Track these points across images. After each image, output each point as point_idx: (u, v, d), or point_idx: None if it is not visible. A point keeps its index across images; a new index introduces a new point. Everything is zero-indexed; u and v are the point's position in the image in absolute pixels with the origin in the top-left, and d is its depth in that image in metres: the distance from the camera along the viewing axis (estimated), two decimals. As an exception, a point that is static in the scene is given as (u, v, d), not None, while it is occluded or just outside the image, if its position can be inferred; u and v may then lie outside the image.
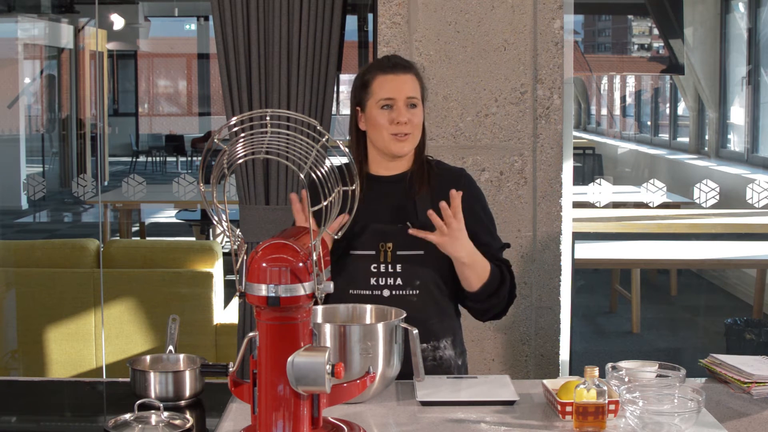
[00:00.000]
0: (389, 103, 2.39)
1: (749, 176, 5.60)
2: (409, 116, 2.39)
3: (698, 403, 1.95)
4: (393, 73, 2.42)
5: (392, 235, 2.40)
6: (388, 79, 2.41)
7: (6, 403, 2.25)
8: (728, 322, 5.25)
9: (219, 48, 3.46)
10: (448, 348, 2.44)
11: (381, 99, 2.40)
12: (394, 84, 2.40)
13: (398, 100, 2.39)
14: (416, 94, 2.42)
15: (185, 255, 4.36)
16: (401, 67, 2.43)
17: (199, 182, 1.84)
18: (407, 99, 2.40)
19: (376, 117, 2.41)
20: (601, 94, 8.44)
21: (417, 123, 2.41)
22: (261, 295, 1.76)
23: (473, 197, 2.47)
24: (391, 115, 2.39)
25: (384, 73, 2.42)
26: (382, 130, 2.40)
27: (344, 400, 1.85)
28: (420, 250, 2.39)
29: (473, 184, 2.52)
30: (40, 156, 7.05)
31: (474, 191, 2.50)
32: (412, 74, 2.44)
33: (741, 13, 6.42)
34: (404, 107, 2.39)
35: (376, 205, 2.43)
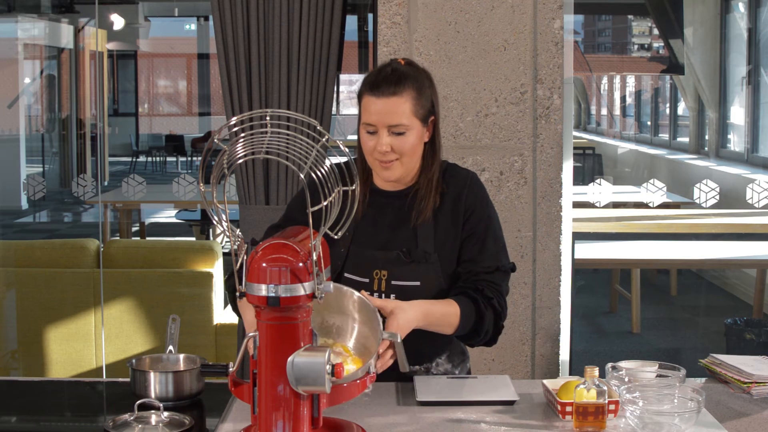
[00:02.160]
0: (372, 129, 2.19)
1: (749, 176, 5.60)
2: (392, 143, 2.18)
3: (698, 403, 1.96)
4: (376, 95, 2.18)
5: (387, 264, 2.24)
6: (371, 101, 2.18)
7: (6, 403, 2.25)
8: (728, 322, 5.25)
9: (219, 48, 3.46)
10: (443, 364, 2.36)
11: (364, 123, 2.21)
12: (377, 109, 2.17)
13: (380, 127, 2.18)
14: (404, 120, 2.17)
15: (185, 255, 4.36)
16: (388, 87, 2.17)
17: (199, 182, 1.83)
18: (390, 127, 2.18)
19: (363, 139, 2.23)
20: (601, 94, 8.44)
21: (404, 150, 2.19)
22: (261, 295, 1.76)
23: (473, 205, 2.29)
24: (374, 140, 2.20)
25: (369, 93, 2.20)
26: (368, 155, 2.23)
27: (344, 400, 1.85)
28: (416, 281, 2.24)
29: (476, 191, 2.32)
30: (40, 156, 7.05)
31: (474, 200, 2.30)
32: (404, 94, 2.18)
33: (741, 13, 6.42)
34: (386, 135, 2.18)
35: (375, 222, 2.30)
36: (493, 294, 2.25)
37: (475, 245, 2.27)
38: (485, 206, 2.31)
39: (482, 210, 2.30)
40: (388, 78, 2.19)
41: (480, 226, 2.28)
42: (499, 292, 2.27)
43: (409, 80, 2.20)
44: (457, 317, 2.19)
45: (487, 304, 2.23)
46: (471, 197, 2.30)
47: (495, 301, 2.24)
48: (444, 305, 2.19)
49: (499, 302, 2.26)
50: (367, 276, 2.26)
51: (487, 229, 2.29)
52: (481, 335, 2.25)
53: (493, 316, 2.24)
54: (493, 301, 2.24)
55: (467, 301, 2.22)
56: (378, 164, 2.22)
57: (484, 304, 2.22)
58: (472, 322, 2.22)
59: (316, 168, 1.78)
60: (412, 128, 2.19)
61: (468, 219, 2.28)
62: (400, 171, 2.23)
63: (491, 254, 2.28)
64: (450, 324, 2.19)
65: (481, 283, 2.25)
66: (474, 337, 2.26)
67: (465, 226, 2.28)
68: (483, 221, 2.29)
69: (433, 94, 2.26)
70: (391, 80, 2.19)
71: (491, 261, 2.27)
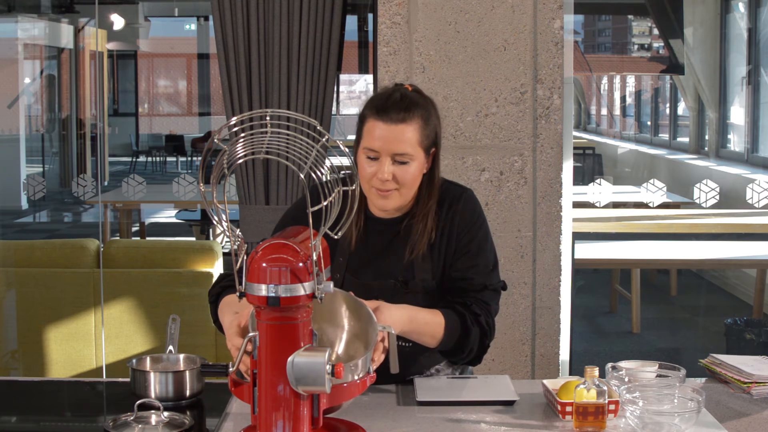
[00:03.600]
0: (374, 155, 2.11)
1: (749, 176, 5.60)
2: (394, 172, 2.11)
3: (698, 403, 1.96)
4: (384, 120, 2.09)
5: (383, 293, 2.19)
6: (378, 126, 2.10)
7: (6, 403, 2.25)
8: (728, 322, 5.25)
9: (219, 48, 3.46)
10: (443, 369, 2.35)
11: (366, 147, 2.12)
12: (383, 134, 2.09)
13: (383, 155, 2.10)
14: (409, 149, 2.10)
15: (185, 255, 4.36)
16: (397, 113, 2.09)
17: (199, 182, 1.83)
18: (394, 155, 2.10)
19: (362, 164, 2.14)
20: (601, 94, 8.44)
21: (405, 180, 2.12)
22: (261, 295, 1.76)
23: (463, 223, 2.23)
24: (374, 167, 2.12)
25: (376, 117, 2.10)
26: (365, 181, 2.15)
27: (344, 400, 1.85)
28: None
29: (468, 210, 2.25)
30: (40, 156, 7.06)
31: (465, 217, 2.24)
32: (413, 122, 2.11)
33: (741, 13, 6.42)
34: (389, 162, 2.10)
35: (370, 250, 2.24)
36: (482, 311, 2.20)
37: (465, 263, 2.23)
38: (479, 226, 2.26)
39: (475, 229, 2.25)
40: (397, 104, 2.12)
41: (472, 245, 2.24)
42: (488, 310, 2.22)
43: (419, 108, 2.13)
44: (442, 328, 2.14)
45: (474, 321, 2.18)
46: (465, 216, 2.24)
47: (482, 318, 2.19)
48: (429, 314, 2.15)
49: (487, 321, 2.21)
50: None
51: (479, 248, 2.24)
52: (465, 352, 2.20)
53: (479, 334, 2.19)
54: (480, 319, 2.19)
55: (454, 315, 2.17)
56: (375, 192, 2.15)
57: (470, 320, 2.18)
58: (457, 336, 2.17)
59: (316, 168, 1.78)
60: (416, 158, 2.13)
61: (461, 237, 2.23)
62: (398, 201, 2.17)
63: (481, 273, 2.23)
64: (433, 335, 2.14)
65: (470, 299, 2.21)
66: (457, 353, 2.22)
67: (457, 244, 2.23)
68: (475, 240, 2.24)
69: (437, 125, 2.19)
70: (400, 106, 2.11)
71: (481, 279, 2.23)
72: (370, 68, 4.04)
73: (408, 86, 2.20)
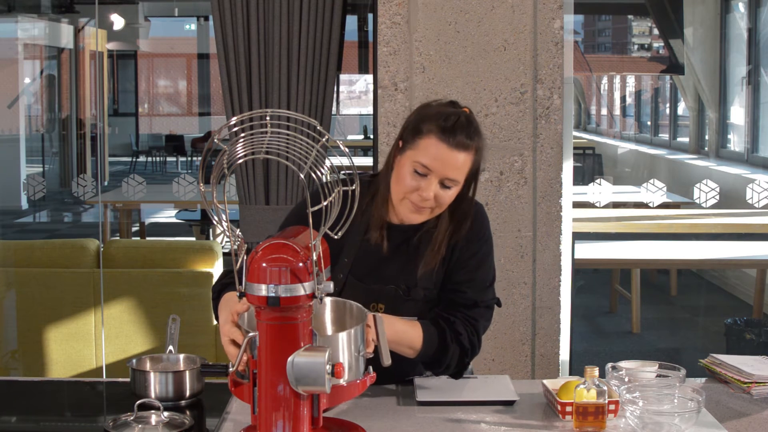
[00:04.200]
0: (424, 172, 2.09)
1: (749, 176, 5.60)
2: (436, 193, 2.11)
3: (698, 403, 1.96)
4: (449, 145, 2.07)
5: (385, 297, 2.22)
6: (441, 148, 2.08)
7: (6, 403, 2.25)
8: (728, 322, 5.25)
9: (219, 48, 3.46)
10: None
11: (418, 161, 2.09)
12: (442, 156, 2.07)
13: (434, 175, 2.09)
14: (459, 177, 2.10)
15: (185, 255, 4.36)
16: (462, 143, 2.08)
17: (199, 182, 1.83)
18: (444, 179, 2.10)
19: (405, 174, 2.12)
20: (601, 94, 8.44)
21: (443, 202, 2.13)
22: (261, 295, 1.76)
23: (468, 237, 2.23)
24: (419, 182, 2.10)
25: (440, 139, 2.08)
26: (402, 192, 2.13)
27: (344, 400, 1.85)
28: (413, 317, 2.21)
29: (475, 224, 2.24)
30: (40, 156, 7.05)
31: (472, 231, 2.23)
32: (471, 151, 2.10)
33: (741, 13, 6.42)
34: (436, 183, 2.10)
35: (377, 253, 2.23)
36: (465, 330, 2.19)
37: (462, 276, 2.23)
38: (483, 241, 2.26)
39: (479, 244, 2.25)
40: (463, 128, 2.10)
41: (473, 260, 2.24)
42: (474, 327, 2.21)
43: (479, 138, 2.13)
44: (420, 340, 2.14)
45: (454, 339, 2.18)
46: (472, 231, 2.24)
47: (464, 338, 2.19)
48: (407, 324, 2.14)
49: (471, 339, 2.20)
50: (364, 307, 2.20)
51: (479, 264, 2.24)
52: (442, 366, 2.20)
53: (458, 352, 2.19)
54: (461, 338, 2.18)
55: (433, 329, 2.17)
56: (409, 205, 2.14)
57: (450, 337, 2.17)
58: (434, 350, 2.16)
59: (316, 168, 1.78)
60: (460, 184, 2.14)
61: (463, 251, 2.23)
62: (427, 217, 2.17)
63: (476, 288, 2.23)
64: (411, 345, 2.14)
65: (457, 314, 2.21)
66: (435, 366, 2.21)
67: (459, 257, 2.23)
68: (477, 256, 2.24)
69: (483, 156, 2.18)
70: (466, 133, 2.10)
71: (474, 294, 2.23)
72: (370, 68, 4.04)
73: (466, 109, 2.18)
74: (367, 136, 8.84)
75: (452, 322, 2.19)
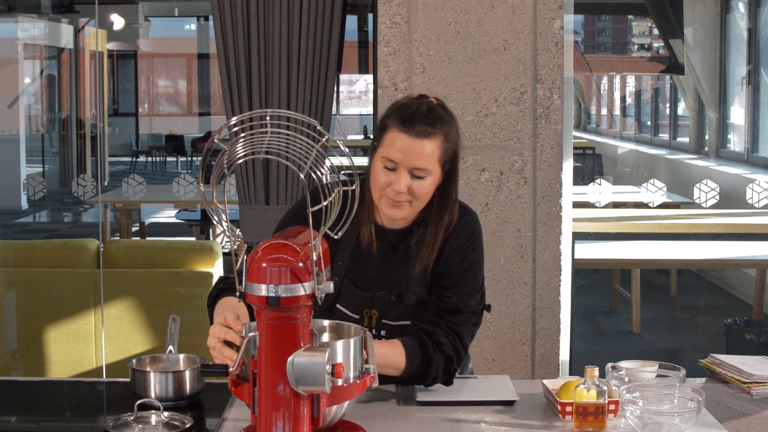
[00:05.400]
0: (393, 166, 2.10)
1: (749, 176, 5.60)
2: (410, 185, 2.10)
3: (698, 403, 1.96)
4: (408, 133, 2.07)
5: (378, 303, 2.22)
6: (402, 139, 2.08)
7: (6, 403, 2.25)
8: (728, 322, 5.25)
9: (219, 48, 3.46)
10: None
11: (386, 157, 2.09)
12: (406, 147, 2.07)
13: (402, 167, 2.09)
14: (428, 165, 2.08)
15: (185, 255, 4.36)
16: (423, 131, 2.08)
17: (199, 182, 1.83)
18: (413, 169, 2.09)
19: (378, 172, 2.13)
20: (601, 94, 8.44)
21: (419, 194, 2.11)
22: (261, 295, 1.76)
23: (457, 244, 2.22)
24: (390, 177, 2.10)
25: (399, 129, 2.09)
26: (377, 189, 2.14)
27: (344, 400, 1.85)
28: (406, 321, 2.22)
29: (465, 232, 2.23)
30: (40, 156, 7.06)
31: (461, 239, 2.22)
32: (436, 138, 2.09)
33: (741, 13, 6.42)
34: (406, 175, 2.09)
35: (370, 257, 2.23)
36: (447, 339, 2.17)
37: (447, 282, 2.22)
38: (472, 249, 2.24)
39: (467, 252, 2.24)
40: (423, 118, 2.10)
41: (460, 267, 2.22)
42: (457, 334, 2.19)
43: (443, 124, 2.13)
44: (402, 360, 2.13)
45: (437, 350, 2.16)
46: (461, 238, 2.23)
47: (446, 346, 2.17)
48: (387, 345, 2.13)
49: (453, 346, 2.18)
50: (358, 313, 2.24)
51: (466, 271, 2.23)
52: (428, 379, 2.18)
53: (443, 362, 2.17)
54: (443, 348, 2.16)
55: (414, 344, 2.15)
56: (386, 201, 2.14)
57: (433, 348, 2.16)
58: (418, 364, 2.15)
59: (316, 168, 1.78)
60: (433, 173, 2.11)
61: (451, 258, 2.22)
62: (408, 212, 2.15)
63: (460, 294, 2.21)
64: (393, 365, 2.13)
65: (438, 321, 2.19)
66: (421, 379, 2.19)
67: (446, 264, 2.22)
68: (464, 263, 2.23)
69: (458, 142, 2.18)
70: (426, 120, 2.10)
71: (457, 301, 2.21)
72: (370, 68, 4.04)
73: (433, 99, 2.19)
74: (367, 136, 8.84)
75: (432, 333, 2.18)
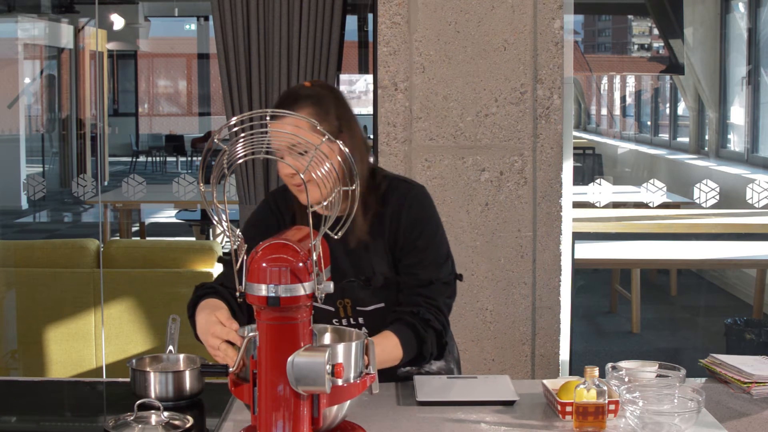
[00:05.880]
0: (276, 155, 2.07)
1: (749, 176, 5.60)
2: (297, 165, 2.01)
3: (698, 403, 1.95)
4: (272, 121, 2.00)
5: (348, 292, 2.22)
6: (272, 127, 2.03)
7: (6, 403, 2.25)
8: (728, 322, 5.25)
9: (219, 48, 3.46)
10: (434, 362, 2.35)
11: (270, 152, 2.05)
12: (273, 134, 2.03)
13: (280, 152, 2.07)
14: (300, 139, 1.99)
15: (185, 255, 4.36)
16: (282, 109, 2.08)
17: (199, 182, 1.83)
18: (291, 148, 2.05)
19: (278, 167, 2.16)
20: (601, 94, 8.44)
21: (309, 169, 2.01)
22: (261, 295, 1.76)
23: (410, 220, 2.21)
24: (279, 166, 2.11)
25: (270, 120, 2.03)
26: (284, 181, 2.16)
27: (344, 400, 1.85)
28: (380, 303, 2.23)
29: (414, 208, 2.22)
30: (40, 156, 7.06)
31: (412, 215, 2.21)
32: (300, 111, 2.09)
33: (741, 13, 6.42)
34: (289, 157, 2.05)
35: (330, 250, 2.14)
36: (431, 313, 2.18)
37: (412, 258, 2.21)
38: (427, 221, 2.24)
39: (423, 225, 2.23)
40: (284, 101, 2.14)
41: (420, 241, 2.21)
42: (437, 307, 2.20)
43: (306, 98, 2.13)
44: (399, 348, 2.12)
45: (426, 327, 2.17)
46: (412, 214, 2.22)
47: (434, 321, 2.18)
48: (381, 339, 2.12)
49: (438, 319, 2.19)
50: (332, 305, 2.24)
51: (428, 244, 2.22)
52: (426, 358, 2.20)
53: (435, 337, 2.18)
54: (432, 323, 2.17)
55: (405, 329, 2.15)
56: (294, 189, 2.15)
57: (423, 327, 2.16)
58: (414, 348, 2.15)
59: (316, 168, 1.78)
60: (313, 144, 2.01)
61: (407, 234, 2.21)
62: (316, 193, 2.10)
63: (429, 268, 2.21)
64: (393, 357, 2.12)
65: (416, 299, 2.19)
66: (420, 360, 2.21)
67: (405, 241, 2.21)
68: (423, 236, 2.22)
69: (340, 112, 2.16)
70: (286, 103, 2.13)
71: (428, 274, 2.21)
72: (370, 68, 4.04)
73: (307, 83, 2.20)
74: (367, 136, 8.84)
75: (417, 313, 2.18)
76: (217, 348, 1.93)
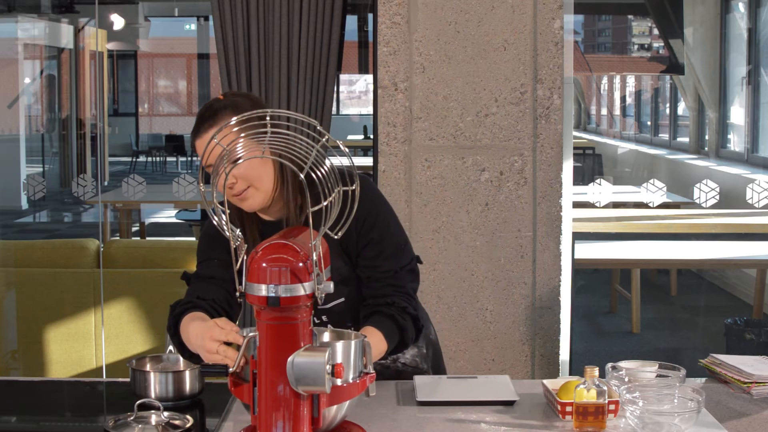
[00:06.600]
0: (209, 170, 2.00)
1: (749, 176, 5.60)
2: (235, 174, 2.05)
3: (698, 403, 1.96)
4: (195, 138, 2.11)
5: None
6: (196, 144, 2.11)
7: (6, 403, 2.25)
8: (728, 322, 5.25)
9: (219, 48, 3.46)
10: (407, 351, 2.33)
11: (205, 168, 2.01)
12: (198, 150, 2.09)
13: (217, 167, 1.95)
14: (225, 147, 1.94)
15: (185, 255, 4.36)
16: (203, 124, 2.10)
17: (199, 182, 1.83)
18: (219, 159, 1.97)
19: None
20: (601, 94, 8.44)
21: (246, 175, 2.08)
22: (261, 295, 1.76)
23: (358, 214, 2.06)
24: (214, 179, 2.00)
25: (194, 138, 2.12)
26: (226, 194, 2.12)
27: (344, 400, 1.85)
28: (340, 298, 2.21)
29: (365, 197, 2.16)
30: (40, 156, 7.06)
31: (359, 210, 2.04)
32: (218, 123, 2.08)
33: (741, 13, 6.42)
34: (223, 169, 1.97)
35: None
36: (405, 301, 2.18)
37: (371, 251, 2.20)
38: (376, 212, 2.22)
39: (373, 216, 2.21)
40: (203, 116, 2.13)
41: (373, 233, 2.20)
42: (407, 293, 2.21)
43: (226, 109, 2.11)
44: (384, 341, 2.11)
45: (403, 314, 2.16)
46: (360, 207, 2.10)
47: (409, 307, 2.18)
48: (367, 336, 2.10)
49: (411, 304, 2.19)
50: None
51: (382, 234, 2.21)
52: (408, 344, 2.19)
53: (412, 322, 2.18)
54: (408, 309, 2.18)
55: (386, 320, 2.14)
56: (236, 200, 2.11)
57: (400, 316, 2.16)
58: (396, 338, 2.15)
59: (316, 168, 1.78)
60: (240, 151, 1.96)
61: (359, 228, 2.19)
62: (259, 198, 2.11)
63: (390, 257, 2.21)
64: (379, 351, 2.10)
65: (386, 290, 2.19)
66: (402, 347, 2.20)
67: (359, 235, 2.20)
68: (376, 227, 2.21)
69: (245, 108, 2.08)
70: (205, 117, 2.12)
71: (391, 264, 2.21)
72: (370, 68, 4.04)
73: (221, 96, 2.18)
74: (367, 136, 8.84)
75: (392, 303, 2.17)
76: (215, 351, 1.90)
